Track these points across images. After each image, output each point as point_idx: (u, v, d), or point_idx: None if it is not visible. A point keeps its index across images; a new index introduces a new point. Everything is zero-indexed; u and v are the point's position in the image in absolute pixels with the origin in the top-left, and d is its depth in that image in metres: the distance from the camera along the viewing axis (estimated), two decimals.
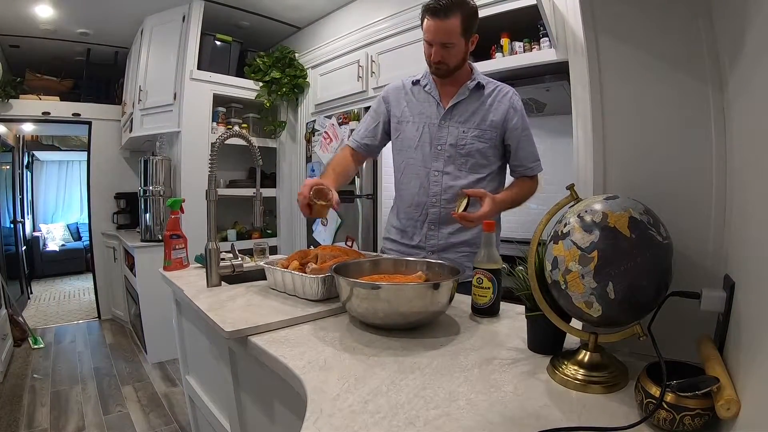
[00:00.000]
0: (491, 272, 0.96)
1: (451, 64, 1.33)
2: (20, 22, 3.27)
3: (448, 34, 1.26)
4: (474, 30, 1.32)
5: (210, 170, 1.30)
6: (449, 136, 1.38)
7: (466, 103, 1.39)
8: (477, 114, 1.37)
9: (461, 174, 1.37)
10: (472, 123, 1.37)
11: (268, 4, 3.19)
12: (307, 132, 3.21)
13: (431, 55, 1.33)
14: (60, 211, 7.06)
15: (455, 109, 1.39)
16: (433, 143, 1.39)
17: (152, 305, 2.98)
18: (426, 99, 1.44)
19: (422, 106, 1.43)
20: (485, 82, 1.40)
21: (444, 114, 1.39)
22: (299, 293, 1.09)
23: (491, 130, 1.37)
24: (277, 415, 0.91)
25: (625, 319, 0.62)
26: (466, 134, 1.37)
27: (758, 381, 0.44)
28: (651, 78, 0.72)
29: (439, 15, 1.24)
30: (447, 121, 1.39)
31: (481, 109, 1.38)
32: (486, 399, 0.60)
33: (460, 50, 1.31)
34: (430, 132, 1.40)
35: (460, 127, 1.37)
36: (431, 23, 1.28)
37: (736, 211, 0.61)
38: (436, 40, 1.29)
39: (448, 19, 1.24)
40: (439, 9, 1.24)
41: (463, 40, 1.29)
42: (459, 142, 1.37)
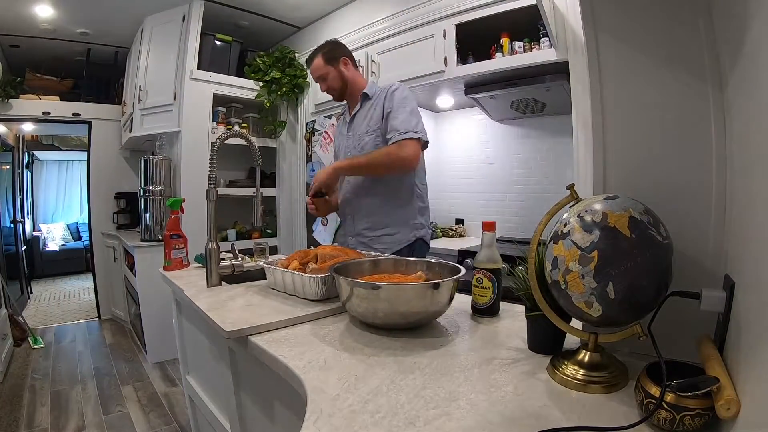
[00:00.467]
0: (491, 272, 0.96)
1: (335, 87, 1.69)
2: (20, 22, 3.27)
3: (316, 71, 1.69)
4: (339, 57, 1.67)
5: (210, 170, 1.30)
6: (352, 142, 1.69)
7: (361, 111, 1.68)
8: (367, 116, 1.65)
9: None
10: (365, 124, 1.65)
11: (268, 4, 3.19)
12: (307, 132, 3.21)
13: (322, 89, 1.74)
14: (60, 211, 7.06)
15: (354, 120, 1.70)
16: (346, 153, 1.71)
17: (152, 305, 2.98)
18: (343, 122, 1.80)
19: (341, 128, 1.81)
20: (373, 90, 1.68)
21: (348, 126, 1.73)
22: (299, 293, 1.09)
23: (375, 122, 1.61)
24: (277, 415, 0.91)
25: (625, 319, 0.62)
26: (361, 136, 1.65)
27: (758, 381, 0.44)
28: (651, 78, 0.72)
29: (308, 64, 1.72)
30: (350, 131, 1.71)
31: (371, 110, 1.64)
32: (486, 399, 0.60)
33: (335, 75, 1.67)
34: (344, 145, 1.73)
35: (357, 131, 1.67)
36: (310, 71, 1.74)
37: (736, 211, 0.61)
38: (315, 78, 1.72)
39: (312, 63, 1.69)
40: (307, 61, 1.72)
41: (330, 68, 1.67)
42: (357, 143, 1.65)
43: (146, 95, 3.21)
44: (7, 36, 3.53)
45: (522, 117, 2.60)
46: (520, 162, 2.67)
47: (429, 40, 2.41)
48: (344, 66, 1.69)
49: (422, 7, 2.45)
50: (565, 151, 2.31)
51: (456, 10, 2.26)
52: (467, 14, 2.23)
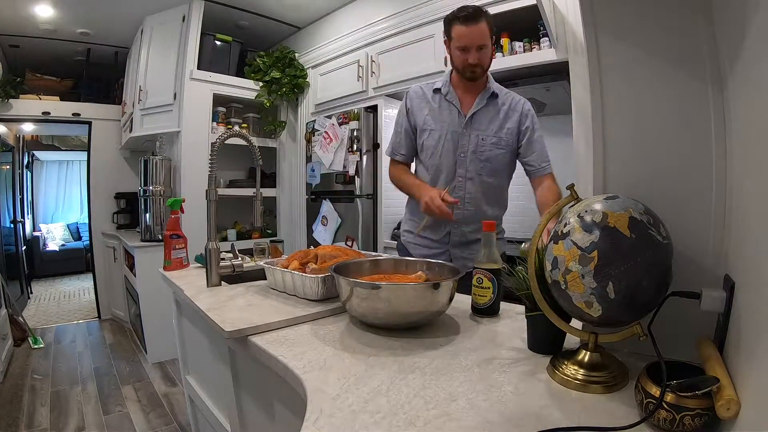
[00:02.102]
0: (491, 272, 0.96)
1: (486, 65, 1.45)
2: (20, 22, 3.27)
3: (482, 36, 1.39)
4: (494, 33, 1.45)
5: (210, 170, 1.30)
6: (470, 144, 1.48)
7: (484, 111, 1.49)
8: (494, 122, 1.48)
9: (481, 179, 1.48)
10: (491, 131, 1.47)
11: (268, 4, 3.19)
12: (307, 132, 3.21)
13: (467, 60, 1.41)
14: (60, 211, 7.06)
15: (475, 118, 1.48)
16: (457, 151, 1.48)
17: (152, 305, 2.98)
18: (447, 107, 1.52)
19: (443, 115, 1.52)
20: (498, 90, 1.50)
21: (465, 123, 1.48)
22: (299, 293, 1.09)
23: (508, 137, 1.47)
24: (277, 415, 0.91)
25: (625, 319, 0.62)
26: (485, 141, 1.47)
27: (758, 381, 0.44)
28: (651, 78, 0.72)
29: (472, 21, 1.37)
30: (468, 129, 1.48)
31: (497, 117, 1.48)
32: (486, 399, 0.60)
33: (490, 52, 1.44)
34: (453, 140, 1.49)
35: (480, 135, 1.47)
36: (465, 29, 1.39)
37: (736, 211, 0.61)
38: (474, 43, 1.39)
39: (479, 24, 1.37)
40: (470, 15, 1.38)
41: (490, 42, 1.43)
42: (479, 149, 1.47)
43: (146, 95, 3.21)
44: (7, 36, 3.53)
45: None
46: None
47: (429, 40, 2.41)
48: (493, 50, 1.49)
49: (422, 7, 2.45)
50: (565, 151, 2.30)
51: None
52: None
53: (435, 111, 1.53)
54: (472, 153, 1.47)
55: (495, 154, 1.47)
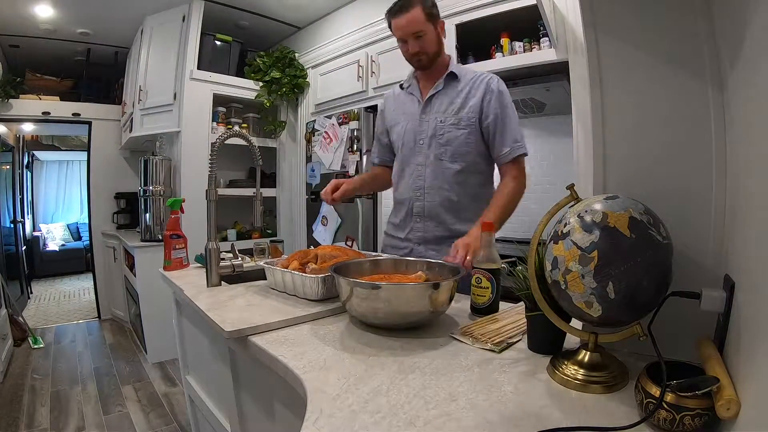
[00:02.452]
0: (490, 272, 0.96)
1: (430, 52, 1.36)
2: (20, 22, 3.27)
3: (415, 23, 1.32)
4: (438, 16, 1.36)
5: (210, 170, 1.30)
6: (428, 129, 1.40)
7: (443, 93, 1.40)
8: (454, 103, 1.38)
9: (442, 165, 1.38)
10: (450, 112, 1.38)
11: (268, 4, 3.19)
12: (307, 132, 3.21)
13: (408, 51, 1.38)
14: (60, 211, 7.06)
15: (433, 101, 1.41)
16: (416, 138, 1.42)
17: (152, 305, 2.98)
18: (409, 99, 1.48)
19: (405, 107, 1.49)
20: (459, 70, 1.41)
21: (423, 107, 1.42)
22: (299, 293, 1.09)
23: (469, 116, 1.36)
24: (277, 415, 0.91)
25: (625, 319, 0.62)
26: (443, 123, 1.38)
27: (758, 381, 0.44)
28: (651, 78, 0.72)
29: (401, 11, 1.33)
30: (426, 114, 1.41)
31: (459, 97, 1.38)
32: (486, 399, 0.60)
33: (432, 37, 1.35)
34: (413, 128, 1.43)
35: (439, 117, 1.39)
36: (395, 22, 1.35)
37: (736, 211, 0.61)
38: (407, 32, 1.34)
39: (410, 12, 1.31)
40: (399, 7, 1.33)
41: (430, 26, 1.34)
42: (437, 132, 1.38)
43: (146, 95, 3.21)
44: (7, 36, 3.53)
45: (522, 117, 2.60)
46: None
47: None
48: (442, 31, 1.39)
49: None
50: (565, 151, 2.30)
51: (456, 10, 2.26)
52: (467, 14, 2.23)
53: (400, 106, 1.51)
54: (431, 138, 1.39)
55: (455, 135, 1.36)
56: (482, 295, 0.97)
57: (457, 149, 1.37)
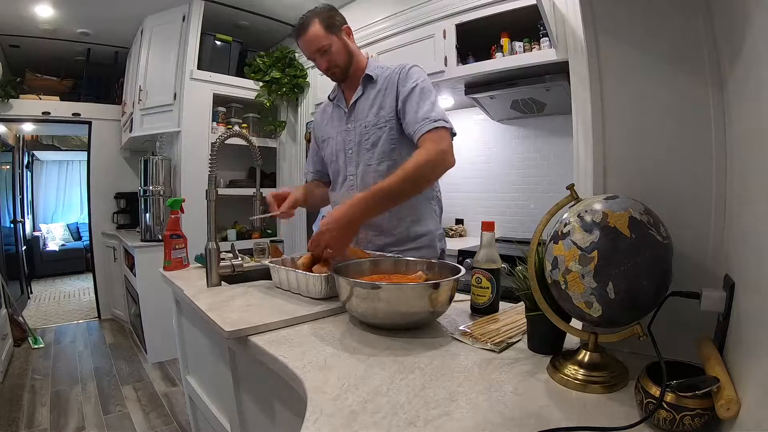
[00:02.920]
0: (490, 272, 0.96)
1: (341, 63, 1.35)
2: (20, 22, 3.27)
3: (315, 40, 1.30)
4: (340, 24, 1.35)
5: (210, 170, 1.30)
6: (355, 136, 1.37)
7: (363, 99, 1.37)
8: (374, 105, 1.35)
9: (371, 168, 1.34)
10: (371, 114, 1.35)
11: (268, 4, 3.19)
12: (307, 132, 3.21)
13: (320, 67, 1.36)
14: (60, 211, 7.06)
15: (356, 108, 1.38)
16: (345, 149, 1.40)
17: (152, 305, 2.98)
18: (336, 110, 1.46)
19: (333, 119, 1.46)
20: (374, 71, 1.37)
21: (347, 117, 1.40)
22: (303, 291, 1.10)
23: (388, 113, 1.31)
24: (277, 415, 0.91)
25: (625, 319, 0.62)
26: (367, 128, 1.35)
27: (758, 381, 0.44)
28: (651, 78, 0.72)
29: (301, 32, 1.31)
30: (351, 123, 1.39)
31: (378, 97, 1.34)
32: (486, 399, 0.60)
33: (339, 47, 1.33)
34: (342, 139, 1.41)
35: (362, 122, 1.36)
36: (299, 42, 1.34)
37: (736, 210, 0.61)
38: (312, 50, 1.32)
39: (307, 32, 1.29)
40: (299, 28, 1.31)
41: (334, 37, 1.32)
42: (362, 137, 1.35)
43: (146, 95, 3.21)
44: (7, 36, 3.53)
45: (522, 117, 2.60)
46: (520, 162, 2.67)
47: (429, 40, 2.41)
48: (348, 36, 1.37)
49: (422, 7, 2.45)
50: (565, 151, 2.30)
51: (456, 10, 2.26)
52: (467, 14, 2.23)
53: (328, 120, 1.48)
54: (358, 145, 1.36)
55: (378, 135, 1.32)
56: (482, 295, 0.97)
57: (382, 149, 1.33)
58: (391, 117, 1.31)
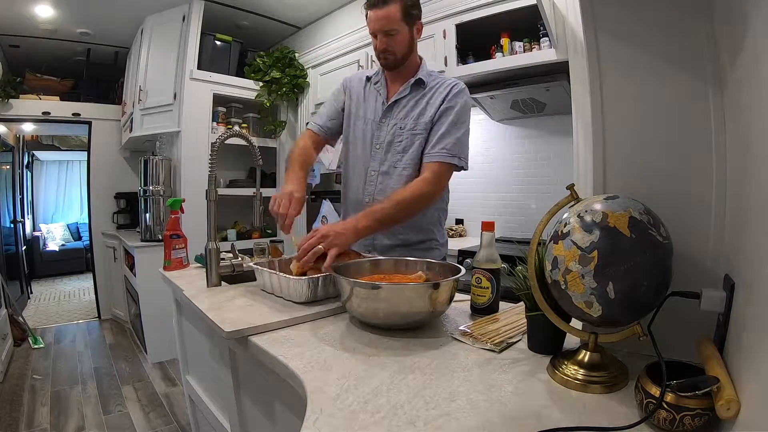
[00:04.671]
0: (490, 272, 0.96)
1: (398, 53, 1.31)
2: (20, 22, 3.27)
3: (388, 20, 1.26)
4: (417, 17, 1.32)
5: (210, 170, 1.30)
6: (387, 135, 1.36)
7: (407, 99, 1.36)
8: (415, 109, 1.34)
9: (396, 171, 1.34)
10: (410, 118, 1.34)
11: (268, 4, 3.19)
12: None
13: (377, 46, 1.32)
14: (60, 211, 7.06)
15: (395, 106, 1.37)
16: (373, 142, 1.38)
17: (152, 305, 2.98)
18: (374, 97, 1.42)
19: (368, 103, 1.43)
20: (429, 78, 1.36)
21: (384, 111, 1.38)
22: (285, 295, 1.06)
23: (426, 122, 1.32)
24: (277, 415, 0.91)
25: (625, 319, 0.62)
26: (402, 130, 1.34)
27: (758, 381, 0.44)
28: (651, 78, 0.72)
29: (378, 5, 1.26)
30: (387, 119, 1.37)
31: (420, 103, 1.34)
32: (486, 399, 0.60)
33: (404, 37, 1.30)
34: (372, 131, 1.39)
35: (398, 124, 1.35)
36: (371, 14, 1.28)
37: (736, 211, 0.61)
38: (378, 28, 1.28)
39: (386, 7, 1.25)
40: (373, 2, 1.27)
41: (405, 27, 1.29)
42: (395, 139, 1.34)
43: (146, 95, 3.21)
44: (7, 36, 3.53)
45: (522, 117, 2.60)
46: (520, 162, 2.67)
47: (429, 40, 2.41)
48: (417, 32, 1.35)
49: (422, 7, 2.43)
50: (565, 151, 2.30)
51: (456, 10, 2.26)
52: (467, 14, 2.23)
53: (362, 99, 1.44)
54: (389, 144, 1.35)
55: (412, 141, 1.32)
56: (482, 295, 0.97)
57: (413, 155, 1.33)
58: (429, 128, 1.32)
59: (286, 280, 1.05)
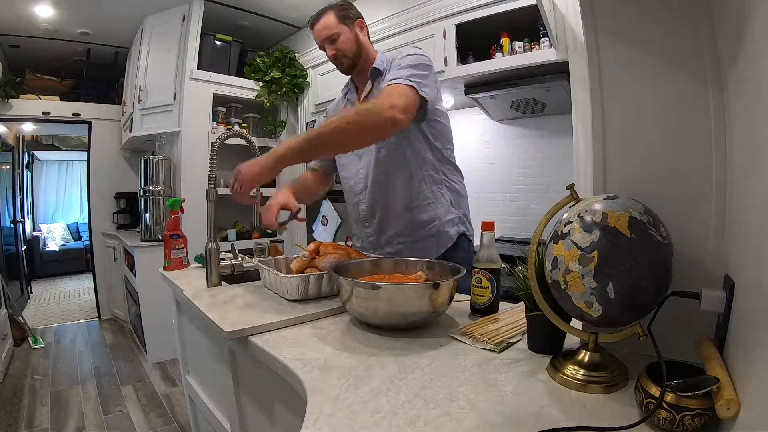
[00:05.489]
0: (490, 272, 0.96)
1: (348, 52, 1.34)
2: (20, 22, 3.27)
3: (325, 28, 1.31)
4: (354, 16, 1.34)
5: (210, 170, 1.30)
6: None
7: (375, 93, 1.35)
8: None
9: (378, 159, 1.34)
10: None
11: (268, 4, 3.19)
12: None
13: (329, 56, 1.36)
14: (60, 211, 7.06)
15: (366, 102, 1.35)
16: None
17: (152, 305, 2.98)
18: (348, 105, 1.45)
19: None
20: (383, 64, 1.35)
21: None
22: (280, 292, 1.09)
23: None
24: (277, 415, 0.91)
25: (625, 319, 0.62)
26: None
27: (758, 381, 0.44)
28: (651, 78, 0.72)
29: (315, 22, 1.34)
30: None
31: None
32: (486, 399, 0.60)
33: (348, 37, 1.33)
34: None
35: None
36: (313, 32, 1.36)
37: (736, 211, 0.61)
38: (321, 39, 1.34)
39: (320, 20, 1.33)
40: (313, 18, 1.35)
41: (345, 27, 1.32)
42: None
43: (146, 95, 3.21)
44: (7, 36, 3.53)
45: (522, 117, 2.60)
46: (520, 162, 2.67)
47: (429, 40, 2.41)
48: (360, 29, 1.36)
49: (422, 7, 2.45)
50: (565, 151, 2.30)
51: (456, 10, 2.26)
52: (467, 14, 2.23)
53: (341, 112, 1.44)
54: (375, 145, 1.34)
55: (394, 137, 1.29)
56: (482, 295, 0.97)
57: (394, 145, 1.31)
58: None
59: (279, 278, 1.06)
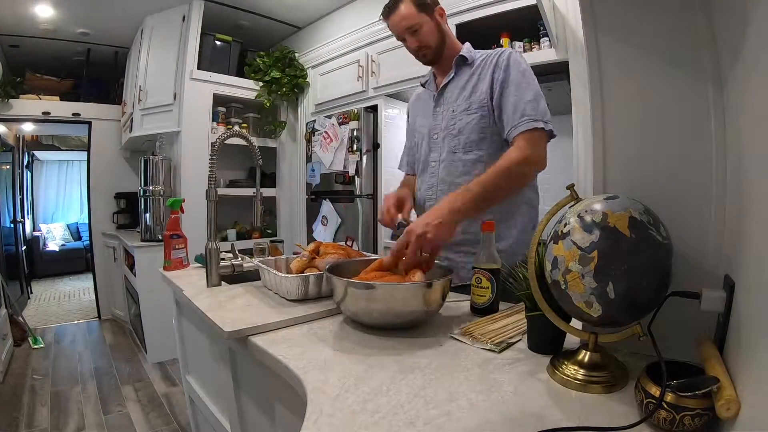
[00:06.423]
0: (490, 272, 0.96)
1: (432, 44, 1.27)
2: (20, 22, 3.27)
3: (405, 18, 1.24)
4: (432, 3, 1.27)
5: (210, 170, 1.30)
6: (442, 121, 1.31)
7: (455, 81, 1.30)
8: (466, 88, 1.27)
9: (456, 157, 1.27)
10: (462, 98, 1.27)
11: (268, 4, 3.19)
12: (307, 132, 3.21)
13: (409, 48, 1.30)
14: (60, 211, 7.06)
15: (445, 92, 1.32)
16: (431, 134, 1.33)
17: (152, 305, 2.98)
18: (427, 96, 1.40)
19: (424, 105, 1.40)
20: (469, 52, 1.30)
21: (436, 99, 1.33)
22: (280, 292, 1.10)
23: (480, 98, 1.23)
24: (277, 415, 0.91)
25: (625, 319, 0.62)
26: (455, 112, 1.27)
27: (758, 381, 0.44)
28: (651, 77, 0.72)
29: (390, 12, 1.26)
30: (439, 107, 1.32)
31: (471, 81, 1.26)
32: (486, 399, 0.60)
33: (431, 27, 1.26)
34: (428, 124, 1.35)
35: (451, 107, 1.29)
36: (389, 23, 1.28)
37: (736, 210, 0.61)
38: (400, 31, 1.26)
39: (398, 9, 1.24)
40: (388, 8, 1.26)
41: (425, 17, 1.25)
42: (449, 123, 1.28)
43: (146, 95, 3.21)
44: (7, 36, 3.53)
45: None
46: None
47: None
48: (441, 17, 1.28)
49: None
50: (565, 151, 2.30)
51: (456, 10, 2.26)
52: (467, 14, 2.23)
53: (419, 106, 1.42)
54: (444, 130, 1.28)
55: (467, 122, 1.24)
56: (482, 295, 0.97)
57: (470, 137, 1.24)
58: (484, 104, 1.22)
59: (279, 278, 1.06)
